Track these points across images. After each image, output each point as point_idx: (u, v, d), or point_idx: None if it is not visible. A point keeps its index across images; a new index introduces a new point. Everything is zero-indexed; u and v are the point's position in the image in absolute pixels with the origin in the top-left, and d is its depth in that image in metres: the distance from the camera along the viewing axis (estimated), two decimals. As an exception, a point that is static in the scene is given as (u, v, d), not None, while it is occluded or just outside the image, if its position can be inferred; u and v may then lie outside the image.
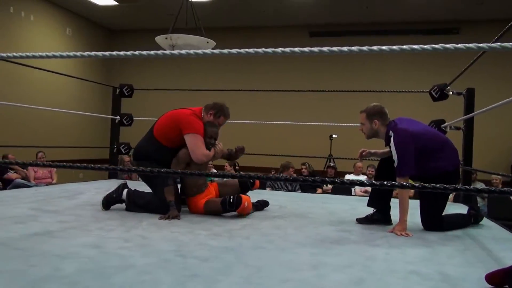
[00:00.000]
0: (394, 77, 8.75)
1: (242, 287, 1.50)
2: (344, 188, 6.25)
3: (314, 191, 6.48)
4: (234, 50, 1.46)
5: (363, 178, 7.11)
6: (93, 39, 9.81)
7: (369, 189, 5.83)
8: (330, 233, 2.51)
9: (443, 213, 2.73)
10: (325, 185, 6.94)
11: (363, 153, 2.96)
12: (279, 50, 1.38)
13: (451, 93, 3.94)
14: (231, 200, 2.84)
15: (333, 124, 6.57)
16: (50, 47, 8.59)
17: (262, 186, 6.54)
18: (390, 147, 2.71)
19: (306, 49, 1.35)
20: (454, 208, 3.33)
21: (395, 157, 2.62)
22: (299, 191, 6.48)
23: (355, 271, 1.76)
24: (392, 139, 2.65)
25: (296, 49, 1.39)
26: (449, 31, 8.47)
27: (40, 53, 1.67)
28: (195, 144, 2.93)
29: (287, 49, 1.38)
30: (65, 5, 8.80)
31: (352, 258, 1.95)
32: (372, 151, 2.95)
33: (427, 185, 1.46)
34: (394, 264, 1.87)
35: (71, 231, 2.29)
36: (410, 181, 3.84)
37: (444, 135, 3.67)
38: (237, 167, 7.74)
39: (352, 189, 6.48)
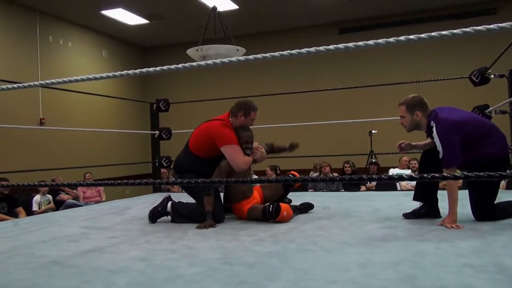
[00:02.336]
0: (430, 66, 8.49)
1: (290, 291, 1.49)
2: (388, 184, 6.11)
3: (358, 189, 6.37)
4: (259, 55, 1.46)
5: (408, 172, 6.93)
6: (127, 58, 10.11)
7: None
8: (377, 231, 2.46)
9: (495, 202, 2.62)
10: (368, 182, 6.81)
11: (402, 145, 2.89)
12: (304, 50, 1.36)
13: (492, 76, 3.78)
14: (270, 210, 2.85)
15: (372, 120, 6.44)
16: (88, 70, 8.93)
17: (304, 188, 6.51)
18: (432, 138, 2.62)
19: (331, 46, 1.32)
20: (507, 195, 3.18)
21: (439, 148, 2.53)
22: (343, 190, 6.40)
23: (404, 267, 1.71)
24: (434, 129, 2.56)
25: (322, 48, 1.35)
26: (486, 12, 8.12)
27: (81, 77, 1.74)
28: (232, 155, 2.95)
29: (312, 49, 1.35)
30: (100, 29, 9.13)
31: (400, 255, 1.90)
32: (413, 143, 2.88)
33: (469, 174, 1.40)
34: (445, 258, 1.81)
35: (121, 246, 2.36)
36: (458, 171, 3.73)
37: (490, 120, 3.53)
38: (278, 171, 7.74)
39: (397, 184, 6.33)
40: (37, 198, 6.30)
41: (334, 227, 2.60)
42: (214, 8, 6.46)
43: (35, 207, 6.21)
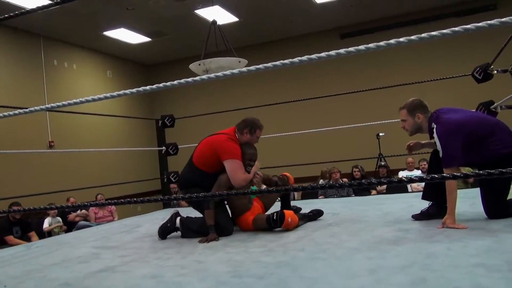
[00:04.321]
0: (435, 66, 8.45)
1: (299, 300, 1.48)
2: (398, 186, 6.05)
3: (369, 193, 6.32)
4: (261, 66, 1.45)
5: (417, 173, 6.88)
6: (132, 76, 10.21)
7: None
8: (387, 235, 2.44)
9: (508, 198, 2.59)
10: (378, 186, 6.77)
11: (411, 145, 2.88)
12: (305, 57, 1.35)
13: (495, 72, 3.75)
14: (275, 217, 2.84)
15: (378, 122, 6.41)
16: (94, 90, 9.03)
17: (314, 195, 6.49)
18: (434, 139, 2.61)
19: (332, 52, 1.30)
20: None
21: (439, 148, 2.52)
22: (353, 195, 6.35)
23: (415, 271, 1.69)
24: (434, 130, 2.56)
25: (323, 54, 1.34)
26: (486, 9, 8.09)
27: (85, 98, 1.75)
28: (234, 170, 2.96)
29: (314, 56, 1.34)
30: (103, 50, 9.24)
31: (411, 258, 1.88)
32: (422, 142, 2.87)
33: (481, 172, 1.37)
34: (456, 259, 1.79)
35: (132, 264, 2.36)
36: (468, 169, 3.69)
37: (495, 117, 3.50)
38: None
39: (408, 186, 6.27)
40: (48, 220, 6.35)
41: (343, 233, 2.59)
42: (214, 22, 6.51)
43: (46, 226, 6.25)
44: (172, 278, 1.96)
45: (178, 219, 3.10)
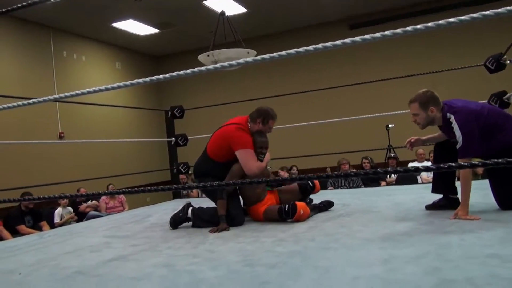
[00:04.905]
0: (445, 56, 8.36)
1: (312, 289, 1.48)
2: (409, 177, 6.03)
3: (378, 185, 6.30)
4: (267, 56, 1.43)
5: (428, 164, 6.83)
6: (140, 68, 10.23)
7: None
8: (398, 225, 2.43)
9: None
10: (388, 177, 6.74)
11: (412, 141, 2.83)
12: (311, 47, 1.35)
13: (508, 62, 3.70)
14: (286, 209, 2.84)
15: (388, 113, 6.37)
16: (103, 82, 9.05)
17: (323, 186, 6.47)
18: (449, 130, 2.56)
19: (338, 42, 1.29)
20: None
21: (459, 138, 2.46)
22: (362, 186, 6.34)
23: (429, 261, 1.68)
24: (453, 120, 2.49)
25: (329, 44, 1.34)
26: (496, -2, 7.96)
27: (93, 89, 1.75)
28: (246, 159, 2.96)
29: (319, 45, 1.33)
30: (112, 41, 9.26)
31: (424, 248, 1.87)
32: (423, 138, 2.82)
33: (487, 161, 1.36)
34: (470, 250, 1.78)
35: (143, 253, 2.38)
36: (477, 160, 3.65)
37: (507, 107, 3.46)
38: (294, 170, 7.71)
39: (418, 177, 6.24)
40: (58, 210, 6.42)
41: (354, 224, 2.58)
42: (223, 13, 6.48)
43: (57, 219, 6.32)
44: (184, 267, 1.97)
45: (190, 209, 3.11)
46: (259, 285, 1.58)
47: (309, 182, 3.25)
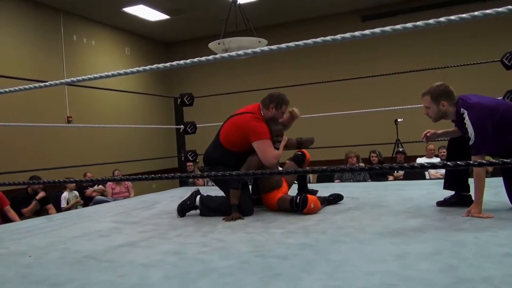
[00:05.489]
0: (458, 50, 8.25)
1: (328, 283, 1.47)
2: (416, 173, 5.99)
3: (386, 179, 6.27)
4: (283, 45, 1.40)
5: (436, 160, 6.79)
6: (150, 54, 10.19)
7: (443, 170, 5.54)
8: (409, 221, 2.40)
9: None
10: (396, 171, 6.70)
11: (428, 134, 2.80)
12: (329, 38, 1.31)
13: (526, 58, 3.64)
14: (298, 201, 2.84)
15: (397, 108, 6.31)
16: (112, 67, 9.03)
17: (330, 179, 6.46)
18: (462, 126, 2.53)
19: (357, 33, 1.26)
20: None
21: (471, 134, 2.43)
22: (369, 180, 6.31)
23: (443, 258, 1.66)
24: (466, 115, 2.47)
25: (347, 35, 1.30)
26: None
27: (105, 73, 1.73)
28: (264, 150, 2.94)
29: (338, 36, 1.30)
30: (122, 26, 9.22)
31: (438, 245, 1.85)
32: (439, 131, 2.78)
33: (496, 161, 1.35)
34: (485, 248, 1.75)
35: (152, 240, 2.38)
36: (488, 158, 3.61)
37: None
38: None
39: (426, 173, 6.20)
40: (65, 194, 6.44)
41: (365, 218, 2.56)
42: (234, 1, 6.42)
43: (63, 204, 6.35)
44: (194, 255, 1.96)
45: (198, 197, 3.11)
46: (272, 276, 1.57)
47: (299, 152, 3.33)
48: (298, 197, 2.86)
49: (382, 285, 1.41)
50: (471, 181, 2.63)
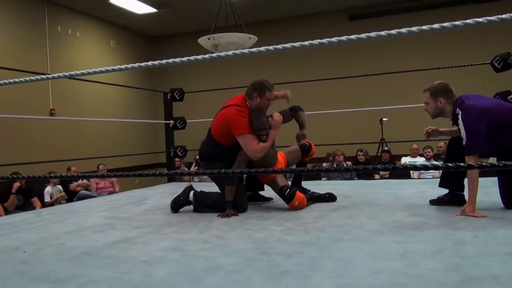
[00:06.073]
0: (446, 52, 8.37)
1: (338, 281, 1.47)
2: (403, 172, 6.07)
3: (372, 177, 6.34)
4: (271, 47, 1.46)
5: (421, 160, 6.89)
6: (136, 47, 10.04)
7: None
8: (406, 219, 2.43)
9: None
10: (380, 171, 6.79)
11: (429, 131, 2.85)
12: (315, 41, 1.40)
13: (515, 62, 3.71)
14: (286, 193, 2.88)
15: (383, 108, 6.39)
16: (97, 59, 8.88)
17: (317, 177, 6.49)
18: (457, 126, 2.58)
19: (334, 39, 1.36)
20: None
21: (463, 135, 2.49)
22: (356, 178, 6.37)
23: (446, 256, 1.68)
24: (460, 116, 2.52)
25: (334, 39, 1.39)
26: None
27: (93, 70, 1.70)
28: (246, 144, 2.91)
29: (324, 40, 1.38)
30: (108, 19, 9.06)
31: (439, 244, 1.87)
32: (441, 129, 2.84)
33: (496, 163, 1.39)
34: (486, 247, 1.78)
35: (149, 236, 2.34)
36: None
37: None
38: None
39: (411, 172, 6.29)
40: (48, 189, 6.31)
41: (361, 216, 2.58)
42: (225, -4, 6.37)
43: (47, 198, 6.22)
44: (196, 252, 1.94)
45: (191, 193, 3.08)
46: (280, 274, 1.56)
47: (306, 144, 3.38)
48: (288, 189, 2.90)
49: (392, 284, 1.41)
50: (466, 181, 2.68)
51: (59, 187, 6.44)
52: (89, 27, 8.80)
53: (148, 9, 8.49)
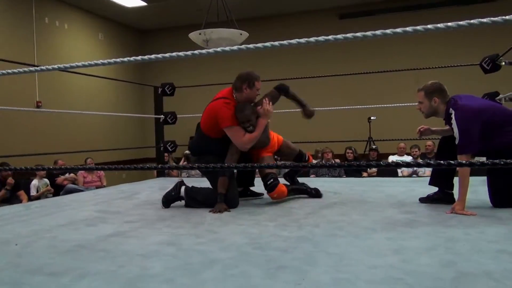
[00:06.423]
0: (434, 51, 8.47)
1: (335, 275, 1.48)
2: (390, 170, 6.15)
3: (360, 175, 6.39)
4: (259, 45, 1.48)
5: (408, 159, 6.98)
6: (124, 41, 9.95)
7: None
8: (397, 216, 2.46)
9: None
10: (369, 168, 6.85)
11: (422, 130, 2.90)
12: (303, 40, 1.45)
13: (503, 63, 3.78)
14: (268, 182, 2.96)
15: (372, 106, 6.45)
16: (85, 52, 8.77)
17: (306, 173, 6.53)
18: (450, 125, 2.63)
19: (321, 38, 1.40)
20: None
21: (456, 134, 2.54)
22: (344, 176, 6.42)
23: (440, 253, 1.72)
24: (453, 116, 2.57)
25: (321, 38, 1.42)
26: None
27: (82, 63, 1.70)
28: (234, 137, 2.94)
29: (312, 39, 1.41)
30: (96, 11, 8.96)
31: (431, 241, 1.90)
32: (433, 128, 2.88)
33: (485, 161, 1.44)
34: (477, 244, 1.82)
35: (142, 230, 2.34)
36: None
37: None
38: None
39: (399, 171, 6.37)
40: (35, 182, 6.24)
41: (353, 213, 2.60)
42: (216, -9, 6.35)
43: (33, 192, 6.15)
44: (191, 246, 1.94)
45: (183, 188, 3.07)
46: (277, 268, 1.57)
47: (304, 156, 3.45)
48: (272, 179, 2.95)
49: (389, 279, 1.44)
50: (455, 180, 2.73)
51: (46, 180, 6.36)
52: (77, 19, 8.70)
53: (137, 2, 8.42)
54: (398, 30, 1.33)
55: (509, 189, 2.59)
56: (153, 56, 1.57)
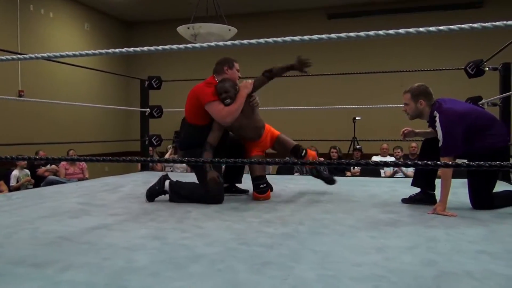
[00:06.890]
0: (418, 54, 8.59)
1: (320, 272, 1.50)
2: (373, 170, 6.22)
3: (343, 174, 6.45)
4: (253, 41, 1.50)
5: (390, 159, 7.07)
6: (111, 32, 9.84)
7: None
8: (380, 216, 2.50)
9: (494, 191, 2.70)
10: (352, 168, 6.92)
11: (405, 132, 2.94)
12: (297, 38, 1.49)
13: (487, 69, 3.86)
14: (260, 186, 3.05)
15: (357, 106, 6.53)
16: (70, 42, 8.65)
17: (290, 171, 6.56)
18: (434, 128, 2.67)
19: (314, 36, 1.43)
20: (501, 186, 3.28)
21: (440, 136, 2.59)
22: (328, 175, 6.46)
23: (421, 252, 1.75)
24: (437, 119, 2.62)
25: (314, 36, 1.47)
26: (472, 5, 8.24)
27: (66, 53, 1.66)
28: (214, 111, 2.95)
29: (306, 37, 1.45)
30: (83, 1, 8.84)
31: (413, 240, 1.94)
32: (416, 130, 2.93)
33: (470, 163, 1.48)
34: (458, 245, 1.86)
35: (126, 223, 2.32)
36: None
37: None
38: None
39: (381, 171, 6.45)
40: (15, 172, 6.14)
41: (338, 211, 2.63)
42: (206, -14, 6.32)
43: (13, 182, 6.05)
44: (176, 241, 1.93)
45: (167, 182, 3.05)
46: (262, 264, 1.58)
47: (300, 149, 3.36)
48: (265, 184, 3.06)
49: (373, 276, 1.46)
50: (437, 181, 2.77)
51: (27, 171, 6.26)
52: (63, 8, 8.56)
53: (125, -6, 8.33)
54: (381, 32, 1.37)
55: (488, 192, 2.66)
56: (143, 48, 1.57)
